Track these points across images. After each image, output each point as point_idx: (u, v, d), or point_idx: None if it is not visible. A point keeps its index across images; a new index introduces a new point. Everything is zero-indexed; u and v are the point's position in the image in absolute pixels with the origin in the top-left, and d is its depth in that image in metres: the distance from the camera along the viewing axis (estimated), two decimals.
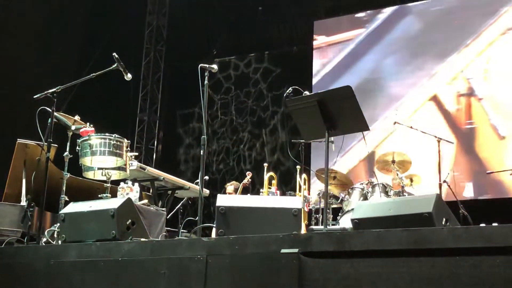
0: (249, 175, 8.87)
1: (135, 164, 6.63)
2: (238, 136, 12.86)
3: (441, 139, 8.30)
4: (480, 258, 3.67)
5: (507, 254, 3.61)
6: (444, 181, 8.13)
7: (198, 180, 5.87)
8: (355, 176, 8.83)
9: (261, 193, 7.91)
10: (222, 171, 12.77)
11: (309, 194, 7.73)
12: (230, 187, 9.03)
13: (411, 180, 8.21)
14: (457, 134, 10.13)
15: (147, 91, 13.74)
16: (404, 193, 7.82)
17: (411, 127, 8.77)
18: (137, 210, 5.13)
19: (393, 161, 8.17)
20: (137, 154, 7.31)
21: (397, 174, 8.02)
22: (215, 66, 5.81)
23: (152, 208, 6.56)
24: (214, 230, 5.10)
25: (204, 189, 5.90)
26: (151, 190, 7.19)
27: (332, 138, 5.86)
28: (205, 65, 5.73)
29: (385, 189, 7.97)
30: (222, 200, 4.68)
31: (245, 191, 8.67)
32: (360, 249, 3.93)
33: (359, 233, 4.15)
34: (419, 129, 8.68)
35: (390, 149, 8.67)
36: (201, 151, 5.57)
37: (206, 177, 6.12)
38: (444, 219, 4.31)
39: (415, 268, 3.77)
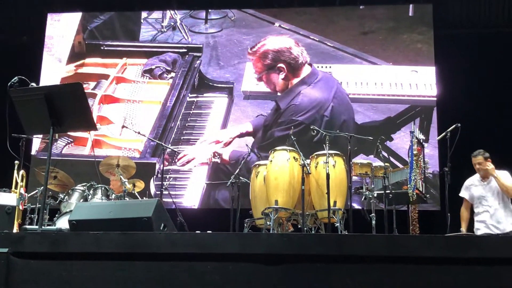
0: None
1: None
2: None
3: (166, 147, 8.54)
4: (192, 263, 3.81)
5: (217, 260, 3.80)
6: (166, 188, 8.34)
7: None
8: (79, 178, 8.59)
9: None
10: None
11: (25, 191, 7.29)
12: None
13: (134, 185, 8.24)
14: None
15: None
16: (126, 198, 7.82)
17: (138, 133, 8.91)
18: None
19: (118, 165, 8.13)
20: None
21: (121, 178, 7.99)
22: None
23: None
24: None
25: None
26: None
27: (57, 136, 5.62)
28: None
29: (107, 192, 7.89)
30: None
31: None
32: (76, 251, 3.82)
33: (75, 235, 4.04)
34: (146, 136, 8.93)
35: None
36: None
37: None
38: (162, 225, 4.41)
39: (130, 271, 3.77)
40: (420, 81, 10.12)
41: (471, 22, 10.54)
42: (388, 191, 6.91)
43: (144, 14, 11.29)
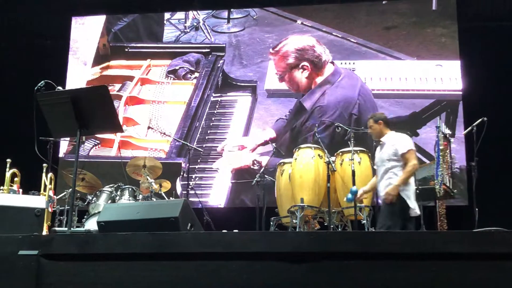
0: None
1: None
2: None
3: (192, 147, 8.58)
4: (219, 263, 3.83)
5: (244, 259, 3.81)
6: (192, 188, 8.38)
7: None
8: (107, 179, 8.68)
9: (1, 191, 7.35)
10: None
11: (54, 194, 7.38)
12: None
13: (161, 186, 8.30)
14: None
15: None
16: (153, 198, 7.88)
17: (164, 133, 8.97)
18: None
19: (144, 166, 8.19)
20: None
21: (147, 179, 8.06)
22: None
23: None
24: None
25: None
26: None
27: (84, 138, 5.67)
28: None
29: (134, 193, 7.96)
30: None
31: None
32: (103, 252, 3.86)
33: (103, 236, 4.08)
34: (172, 136, 9.00)
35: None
36: None
37: None
38: (189, 224, 4.43)
39: (157, 271, 3.80)
40: (445, 75, 10.01)
41: (496, 15, 10.38)
42: (415, 187, 6.85)
43: (167, 15, 11.36)
